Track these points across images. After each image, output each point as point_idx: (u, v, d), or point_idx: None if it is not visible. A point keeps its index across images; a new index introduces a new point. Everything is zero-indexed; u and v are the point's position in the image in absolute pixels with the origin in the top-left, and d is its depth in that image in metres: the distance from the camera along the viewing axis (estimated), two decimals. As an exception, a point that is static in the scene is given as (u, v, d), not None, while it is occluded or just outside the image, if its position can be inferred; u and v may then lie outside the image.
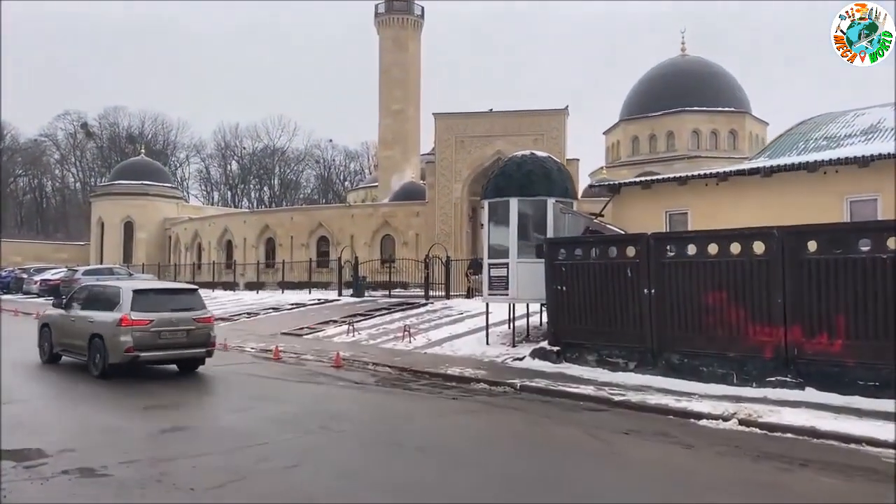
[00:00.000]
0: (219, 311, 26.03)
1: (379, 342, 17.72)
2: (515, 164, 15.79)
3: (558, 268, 14.29)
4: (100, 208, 55.76)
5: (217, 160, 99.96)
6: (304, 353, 16.36)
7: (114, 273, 36.43)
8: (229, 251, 44.29)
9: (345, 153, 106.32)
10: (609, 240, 14.06)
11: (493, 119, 34.74)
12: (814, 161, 13.74)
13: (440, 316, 20.49)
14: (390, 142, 53.22)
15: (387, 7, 54.24)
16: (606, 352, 13.55)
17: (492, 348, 15.64)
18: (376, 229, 38.32)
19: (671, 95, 54.51)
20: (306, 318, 22.56)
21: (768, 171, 14.27)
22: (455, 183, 34.64)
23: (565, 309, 14.21)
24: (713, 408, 9.88)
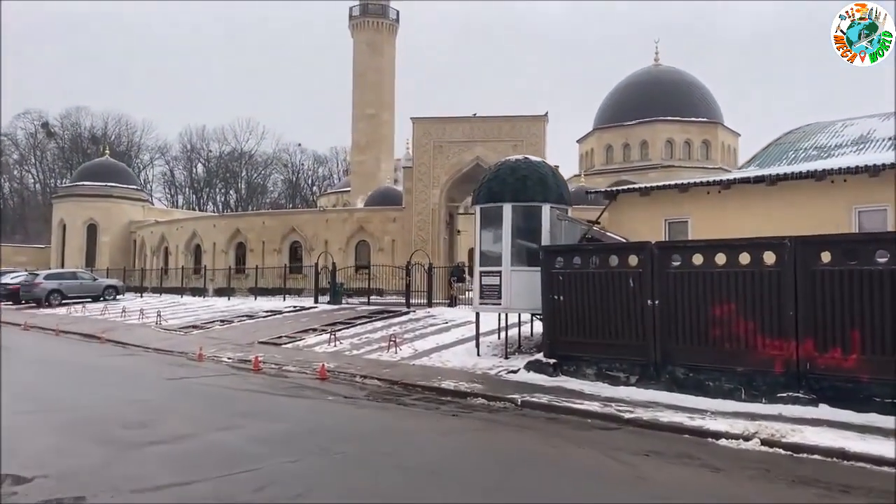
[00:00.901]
0: (190, 318, 25.10)
1: (363, 353, 16.99)
2: (509, 168, 15.22)
3: (555, 277, 13.73)
4: (62, 210, 53.92)
5: (182, 163, 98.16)
6: (286, 364, 15.57)
7: (77, 277, 35.17)
8: (198, 256, 43.02)
9: (314, 158, 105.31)
10: (610, 248, 13.54)
11: (472, 124, 34.19)
12: (822, 170, 13.42)
13: (425, 325, 19.81)
14: (364, 146, 52.57)
15: (361, 10, 53.65)
16: (606, 365, 13.01)
17: (483, 360, 15.02)
18: (351, 235, 37.48)
19: (645, 105, 54.71)
20: (283, 326, 21.70)
21: (774, 179, 13.91)
22: (433, 188, 34.00)
23: (562, 320, 13.65)
24: (730, 426, 9.38)
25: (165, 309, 27.60)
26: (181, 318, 25.18)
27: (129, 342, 20.35)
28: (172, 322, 24.02)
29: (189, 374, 14.48)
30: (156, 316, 24.75)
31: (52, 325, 24.63)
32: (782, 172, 14.19)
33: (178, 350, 18.41)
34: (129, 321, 25.33)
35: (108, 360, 17.12)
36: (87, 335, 22.25)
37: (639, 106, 55.03)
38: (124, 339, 20.96)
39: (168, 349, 18.75)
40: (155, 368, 15.64)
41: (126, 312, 26.75)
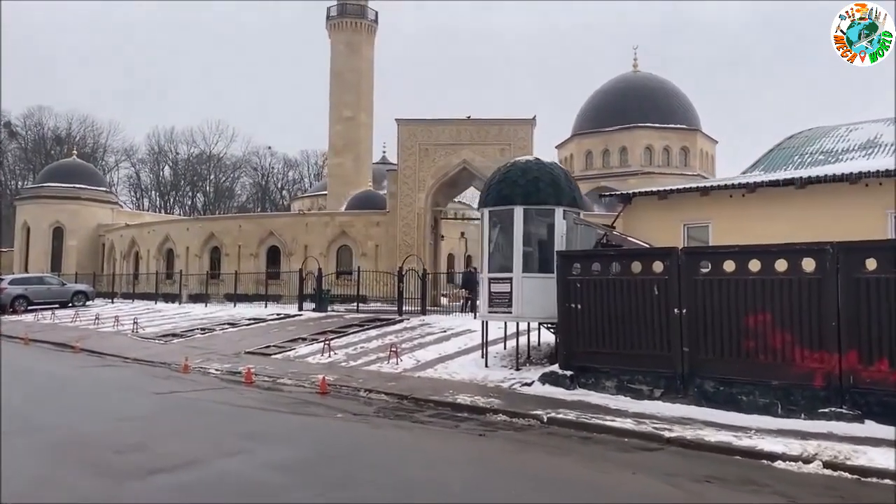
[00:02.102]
0: (167, 325, 23.92)
1: (361, 364, 16.05)
2: (520, 169, 14.44)
3: (572, 284, 12.98)
4: (25, 212, 51.86)
5: (149, 165, 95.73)
6: (280, 377, 14.58)
7: (44, 282, 33.60)
8: (170, 260, 41.49)
9: (284, 161, 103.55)
10: (633, 254, 12.84)
11: (458, 127, 33.40)
12: (858, 172, 12.88)
13: (422, 334, 18.92)
14: (341, 149, 51.43)
15: (339, 10, 52.57)
16: (628, 377, 12.29)
17: (493, 371, 14.19)
18: (333, 239, 36.37)
19: (624, 111, 54.53)
20: (270, 334, 20.63)
21: (804, 182, 13.33)
22: (418, 192, 33.12)
23: (580, 330, 12.90)
24: (785, 447, 8.68)
25: (140, 316, 26.29)
26: (158, 325, 23.95)
27: (105, 352, 19.13)
28: (150, 330, 22.79)
29: (177, 388, 13.42)
30: (132, 324, 23.48)
31: (21, 334, 23.23)
32: (813, 175, 13.63)
33: (159, 360, 17.28)
34: (104, 329, 24.01)
35: (86, 371, 15.95)
36: (60, 344, 20.95)
37: (618, 112, 54.81)
38: (100, 348, 19.73)
39: (149, 359, 17.61)
40: (139, 381, 14.55)
41: (99, 320, 25.39)
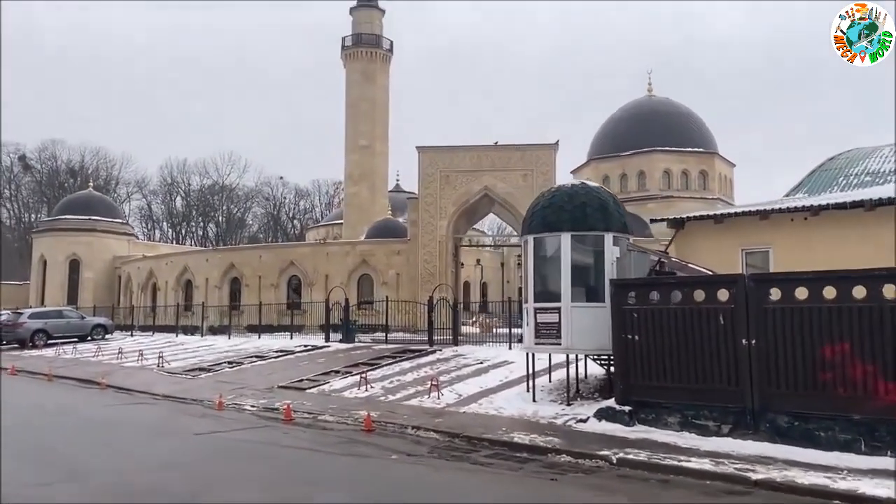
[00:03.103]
0: (193, 359, 23.36)
1: (400, 398, 15.43)
2: (566, 194, 13.93)
3: (628, 314, 12.38)
4: (42, 245, 51.69)
5: (161, 196, 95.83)
6: (321, 413, 13.97)
7: (64, 316, 33.17)
8: (188, 292, 41.09)
9: (295, 191, 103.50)
10: (694, 281, 12.26)
11: (479, 153, 33.07)
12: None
13: (458, 366, 18.30)
14: (357, 178, 51.20)
15: (354, 40, 52.71)
16: (692, 412, 11.62)
17: (542, 406, 13.55)
18: (353, 268, 35.89)
19: (641, 135, 54.12)
20: (300, 367, 20.05)
21: (874, 205, 12.78)
22: (440, 220, 32.68)
23: (638, 362, 12.26)
24: (889, 490, 8.03)
25: (163, 350, 25.76)
26: (184, 359, 23.39)
27: (133, 388, 18.57)
28: (175, 364, 22.23)
29: (216, 427, 12.83)
30: (157, 358, 22.94)
31: (43, 369, 22.72)
32: (885, 196, 13.08)
33: (191, 397, 16.71)
34: (127, 364, 23.47)
35: (117, 410, 15.38)
36: (85, 380, 20.41)
37: (634, 136, 54.42)
38: (127, 384, 19.17)
39: (179, 396, 17.04)
40: (173, 420, 13.97)
41: (123, 354, 24.85)
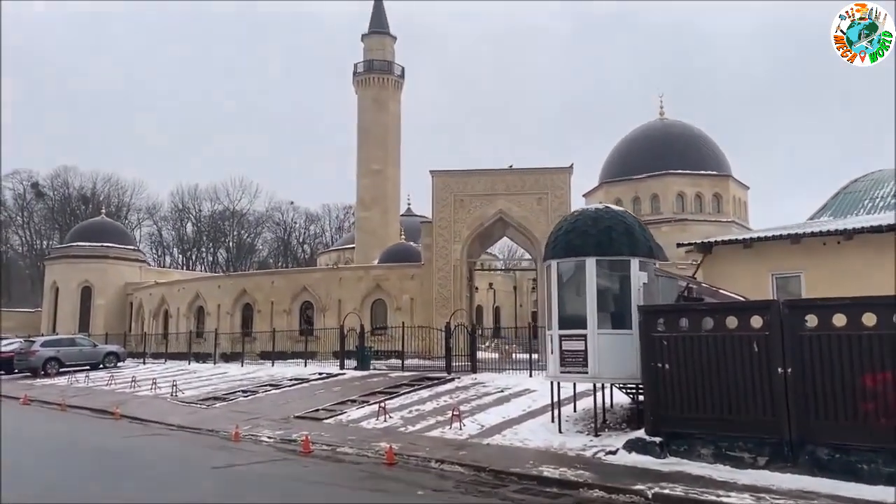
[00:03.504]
0: (207, 388, 23.06)
1: (420, 429, 15.06)
2: (590, 218, 13.65)
3: (657, 341, 12.04)
4: (54, 272, 51.72)
5: (171, 222, 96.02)
6: (339, 445, 13.62)
7: (76, 344, 32.99)
8: (200, 318, 40.90)
9: (306, 216, 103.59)
10: (726, 308, 11.91)
11: (494, 177, 32.90)
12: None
13: (478, 394, 17.92)
14: (369, 202, 51.13)
15: (366, 67, 52.95)
16: (726, 444, 11.23)
17: (569, 438, 13.16)
18: (367, 293, 35.64)
19: (653, 158, 53.88)
20: (316, 396, 19.70)
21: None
22: (454, 244, 32.43)
23: (668, 392, 11.90)
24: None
25: (176, 378, 25.49)
26: (197, 388, 23.09)
27: (147, 418, 18.27)
28: (189, 393, 21.93)
29: (234, 460, 12.49)
30: (170, 387, 22.67)
31: (56, 399, 22.46)
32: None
33: (206, 427, 16.39)
34: (141, 392, 23.19)
35: (132, 441, 15.05)
36: (99, 410, 20.10)
37: (647, 159, 54.18)
38: (141, 414, 18.88)
39: (194, 426, 16.72)
40: (190, 452, 13.65)
41: (136, 382, 24.56)
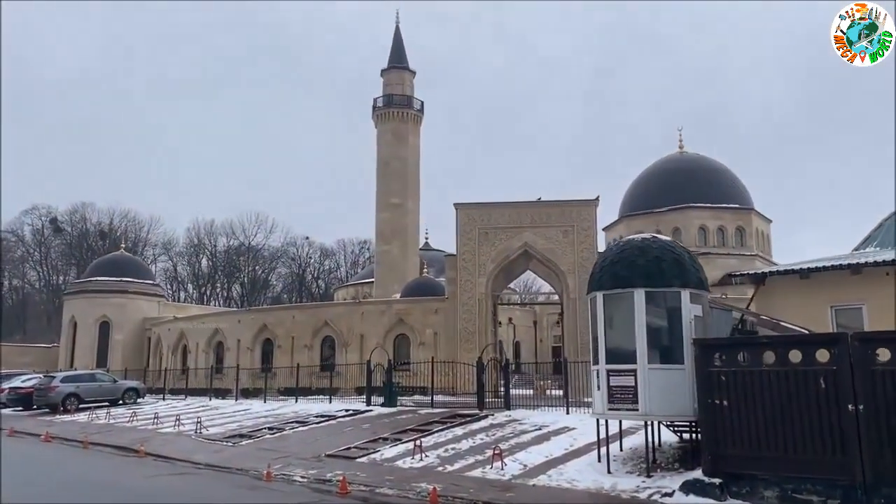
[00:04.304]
0: (231, 425, 22.51)
1: (459, 468, 14.43)
2: (637, 248, 13.17)
3: (716, 377, 11.46)
4: (73, 307, 51.54)
5: (186, 257, 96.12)
6: (377, 486, 13.02)
7: (96, 379, 32.53)
8: (220, 354, 40.42)
9: (321, 251, 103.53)
10: (790, 341, 11.34)
11: (519, 210, 32.51)
12: None
13: (514, 432, 17.27)
14: (388, 236, 50.94)
15: (386, 101, 53.24)
16: (792, 486, 10.59)
17: (619, 479, 12.49)
18: (389, 328, 35.09)
19: (674, 191, 53.39)
20: (345, 434, 19.09)
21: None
22: (479, 277, 31.94)
23: (728, 430, 11.28)
24: None
25: (198, 414, 24.97)
26: (221, 425, 22.51)
27: (172, 456, 17.70)
28: (214, 430, 21.34)
29: (270, 501, 11.93)
30: (194, 423, 22.13)
31: (78, 436, 21.92)
32: None
33: (235, 466, 15.80)
34: (164, 430, 22.61)
35: (161, 481, 14.50)
36: (122, 448, 19.54)
37: (668, 193, 53.70)
38: (166, 451, 18.31)
39: (222, 465, 16.13)
40: (223, 493, 13.07)
41: (158, 419, 24.03)
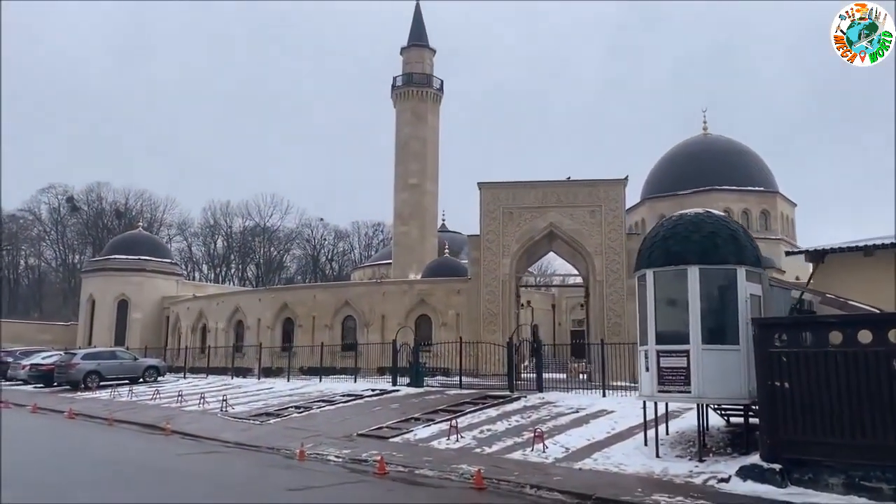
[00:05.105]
0: (257, 403, 22.16)
1: (497, 450, 13.96)
2: (691, 223, 12.56)
3: (776, 358, 10.89)
4: (91, 285, 51.40)
5: (202, 238, 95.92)
6: (416, 467, 12.59)
7: (117, 357, 32.31)
8: (239, 333, 40.14)
9: (335, 233, 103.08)
10: (859, 321, 10.76)
11: (544, 189, 31.81)
12: None
13: (550, 414, 16.79)
14: (407, 217, 50.35)
15: (405, 80, 52.46)
16: (860, 473, 10.04)
17: (670, 463, 11.98)
18: (411, 308, 34.63)
19: (698, 174, 52.54)
20: (374, 414, 18.67)
21: None
22: (503, 258, 31.34)
23: (789, 413, 10.73)
24: None
25: (221, 392, 24.66)
26: (246, 403, 22.15)
27: (199, 434, 17.36)
28: (239, 409, 20.97)
29: (308, 482, 11.53)
30: (219, 402, 21.80)
31: (102, 413, 21.65)
32: None
33: (265, 445, 15.42)
34: (188, 408, 22.29)
35: (191, 460, 14.15)
36: (148, 425, 19.24)
37: (691, 175, 52.84)
38: (193, 430, 17.97)
39: (252, 444, 15.76)
40: (258, 473, 12.67)
41: (182, 397, 23.71)
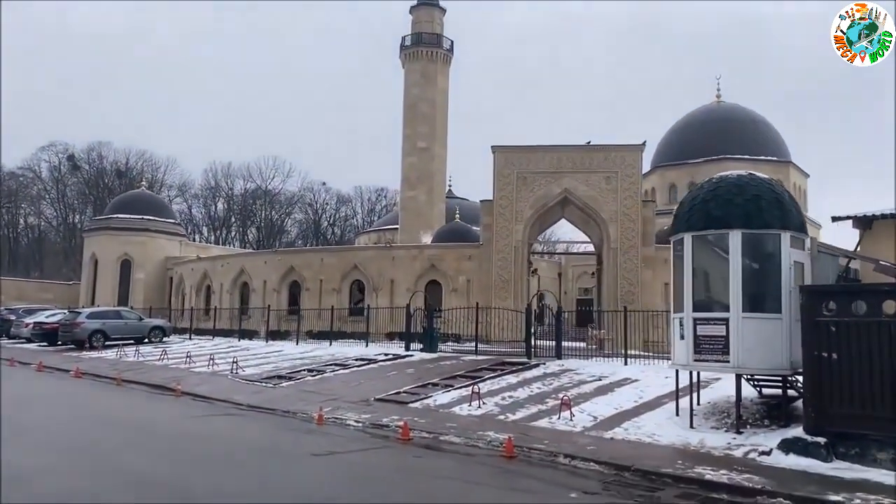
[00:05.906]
0: (267, 366, 21.75)
1: (522, 418, 13.53)
2: (734, 185, 11.94)
3: (824, 327, 10.37)
4: (94, 244, 50.82)
5: (202, 200, 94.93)
6: (441, 433, 12.18)
7: (122, 317, 31.86)
8: (244, 295, 39.71)
9: (337, 197, 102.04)
10: (917, 289, 10.21)
11: (559, 154, 31.12)
12: None
13: (572, 382, 16.35)
14: (414, 181, 49.51)
15: (414, 40, 51.16)
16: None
17: (705, 434, 11.53)
18: (421, 274, 34.10)
19: (710, 142, 51.80)
20: (390, 378, 18.25)
21: None
22: (516, 224, 30.76)
23: (835, 385, 10.24)
24: None
25: (229, 354, 24.27)
26: (256, 366, 21.73)
27: (210, 396, 16.96)
28: (250, 371, 20.58)
29: (330, 447, 11.10)
30: (228, 364, 21.40)
31: (109, 373, 21.26)
32: None
33: (281, 408, 15.01)
34: (197, 369, 21.89)
35: (205, 422, 13.73)
36: (157, 386, 18.85)
37: (703, 143, 52.09)
38: (203, 391, 17.58)
39: (266, 406, 15.36)
40: (276, 437, 12.26)
41: (191, 358, 23.29)
